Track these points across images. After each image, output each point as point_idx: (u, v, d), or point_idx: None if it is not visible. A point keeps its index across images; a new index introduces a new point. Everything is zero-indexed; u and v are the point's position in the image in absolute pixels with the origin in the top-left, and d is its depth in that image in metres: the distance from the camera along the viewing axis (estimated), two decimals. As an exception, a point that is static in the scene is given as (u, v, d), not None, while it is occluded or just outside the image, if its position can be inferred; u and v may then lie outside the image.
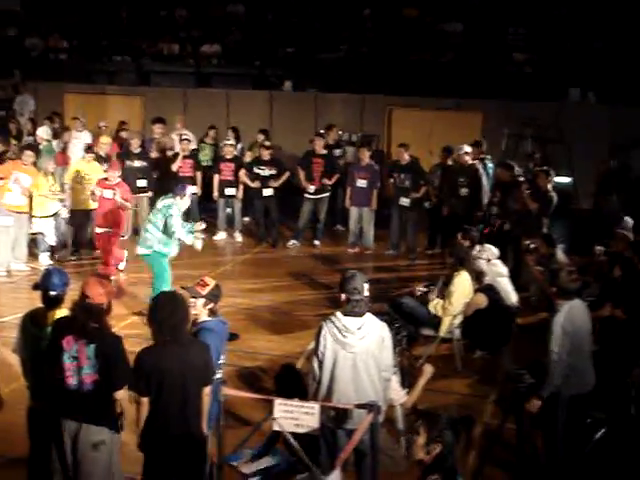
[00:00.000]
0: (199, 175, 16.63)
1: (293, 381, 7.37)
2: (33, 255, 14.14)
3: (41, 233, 14.05)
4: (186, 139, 16.68)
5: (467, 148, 15.12)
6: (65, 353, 6.08)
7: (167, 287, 10.63)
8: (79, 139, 17.64)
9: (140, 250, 11.44)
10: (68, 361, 6.09)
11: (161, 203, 11.39)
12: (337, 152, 17.11)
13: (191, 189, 12.03)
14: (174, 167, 16.20)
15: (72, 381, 6.10)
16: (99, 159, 15.15)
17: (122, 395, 6.10)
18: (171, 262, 11.52)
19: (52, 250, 14.27)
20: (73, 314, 6.19)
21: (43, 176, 13.86)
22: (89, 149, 15.08)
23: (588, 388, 7.49)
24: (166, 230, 11.12)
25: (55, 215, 14.24)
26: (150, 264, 11.41)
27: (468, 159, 15.06)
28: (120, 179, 13.83)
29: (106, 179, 13.69)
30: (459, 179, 15.09)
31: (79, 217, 14.64)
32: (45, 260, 13.93)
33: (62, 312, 6.53)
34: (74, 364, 6.08)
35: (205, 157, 17.98)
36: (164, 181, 16.90)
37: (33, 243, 14.23)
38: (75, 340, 6.07)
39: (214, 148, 18.10)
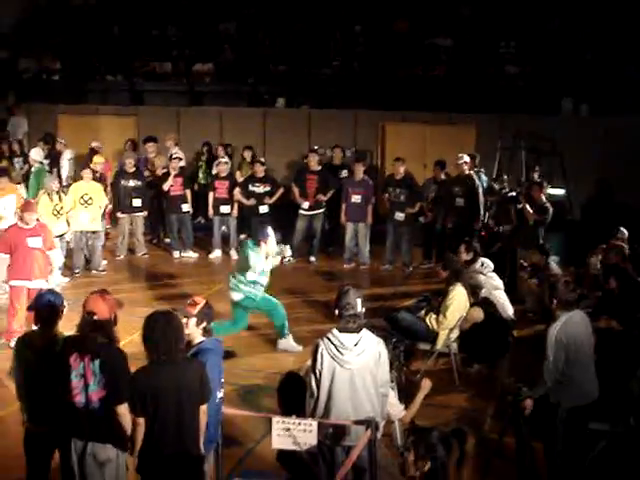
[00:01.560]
0: (189, 193, 16.62)
1: (298, 391, 7.27)
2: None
3: None
4: (176, 157, 16.67)
5: (466, 157, 15.17)
6: (73, 371, 6.11)
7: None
8: (63, 159, 17.74)
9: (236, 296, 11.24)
10: (75, 379, 6.11)
11: (248, 251, 11.12)
12: (344, 173, 16.80)
13: (271, 231, 11.41)
14: (165, 186, 16.19)
15: (80, 399, 6.12)
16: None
17: (124, 411, 6.08)
18: (167, 281, 11.50)
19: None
20: (82, 332, 6.19)
21: (47, 196, 13.83)
22: (86, 167, 15.05)
23: (589, 400, 7.46)
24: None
25: (62, 236, 14.16)
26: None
27: (466, 169, 15.10)
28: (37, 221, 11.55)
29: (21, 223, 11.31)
30: (454, 189, 15.13)
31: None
32: (51, 282, 13.80)
33: (60, 333, 6.53)
34: (81, 382, 6.10)
35: (203, 175, 18.01)
36: (157, 200, 16.98)
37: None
38: (81, 357, 6.09)
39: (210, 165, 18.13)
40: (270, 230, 11.35)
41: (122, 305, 6.65)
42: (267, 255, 11.06)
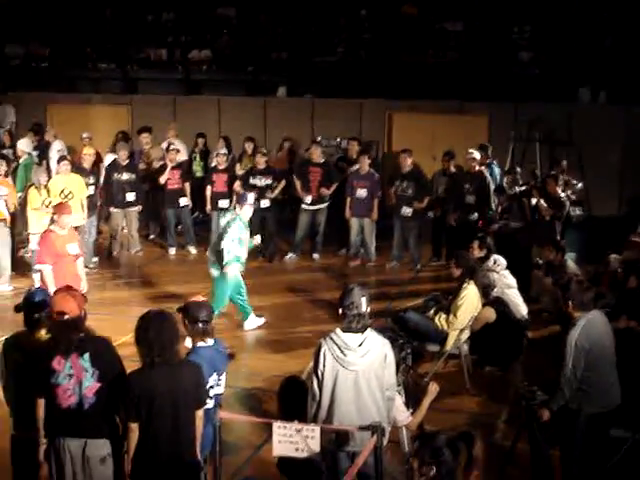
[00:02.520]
0: (188, 186, 16.63)
1: (299, 396, 7.28)
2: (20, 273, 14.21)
3: (35, 251, 13.95)
4: (174, 149, 16.68)
5: (476, 154, 15.13)
6: (59, 374, 6.11)
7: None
8: (52, 150, 17.75)
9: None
10: (65, 381, 6.12)
11: (224, 220, 11.57)
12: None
13: (251, 196, 12.22)
14: (162, 179, 16.22)
15: (74, 400, 6.14)
16: (82, 171, 15.15)
17: None
18: (162, 279, 11.56)
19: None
20: (55, 333, 6.21)
21: (35, 189, 13.83)
22: (62, 159, 14.99)
23: (611, 406, 7.44)
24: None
25: None
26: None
27: (475, 165, 15.08)
28: None
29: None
30: (464, 186, 15.11)
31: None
32: (37, 281, 13.82)
33: (46, 334, 6.54)
34: (72, 382, 6.12)
35: (198, 167, 18.04)
36: (153, 194, 16.99)
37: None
38: (65, 357, 6.10)
39: (204, 157, 18.14)
40: (251, 197, 11.90)
41: (87, 300, 6.69)
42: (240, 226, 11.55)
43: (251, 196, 12.05)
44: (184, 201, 16.50)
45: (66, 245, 10.74)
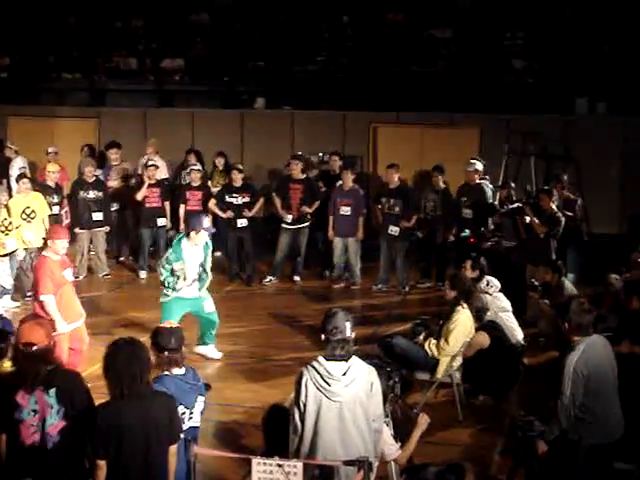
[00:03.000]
0: (168, 206, 16.59)
1: (285, 425, 7.26)
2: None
3: None
4: (152, 165, 16.62)
5: (478, 165, 15.19)
6: (23, 410, 6.04)
7: None
8: (13, 167, 17.69)
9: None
10: (28, 417, 6.06)
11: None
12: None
13: (207, 221, 12.11)
14: (139, 196, 16.16)
15: (36, 438, 6.07)
16: (46, 189, 15.12)
17: None
18: (132, 305, 11.53)
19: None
20: (21, 366, 6.14)
21: None
22: (21, 177, 14.93)
23: (614, 437, 7.43)
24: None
25: (11, 255, 14.12)
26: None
27: (476, 177, 15.14)
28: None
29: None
30: (462, 199, 15.15)
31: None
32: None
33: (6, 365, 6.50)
34: (36, 418, 6.05)
35: (217, 186, 17.86)
36: (128, 212, 16.95)
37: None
38: (30, 392, 6.03)
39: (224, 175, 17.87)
40: (207, 222, 11.93)
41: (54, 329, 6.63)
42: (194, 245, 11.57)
43: (207, 220, 12.03)
44: (162, 221, 16.46)
45: (62, 272, 10.56)
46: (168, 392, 6.43)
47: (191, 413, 6.71)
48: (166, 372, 6.64)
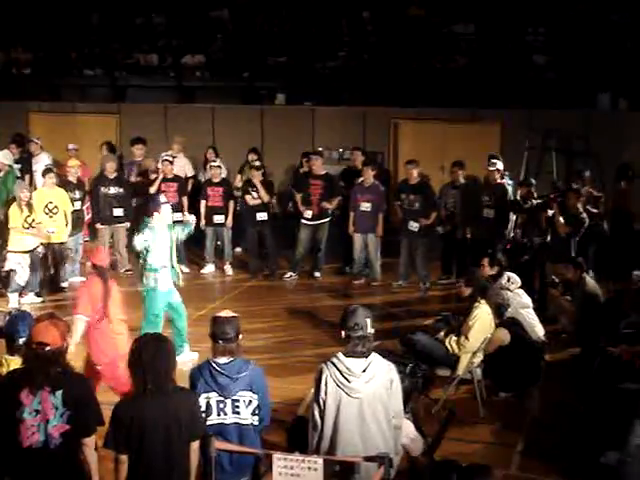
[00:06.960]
0: (185, 201, 16.60)
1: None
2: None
3: (14, 270, 13.97)
4: (166, 160, 16.60)
5: (499, 164, 15.09)
6: (25, 408, 5.94)
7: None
8: (38, 162, 17.75)
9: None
10: (30, 417, 5.93)
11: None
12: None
13: (162, 198, 11.90)
14: (152, 189, 16.12)
15: (38, 438, 5.97)
16: (68, 185, 15.18)
17: (91, 444, 6.06)
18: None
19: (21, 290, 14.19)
20: (31, 366, 6.08)
21: (16, 206, 13.86)
22: (47, 171, 15.00)
23: None
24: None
25: (33, 251, 14.18)
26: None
27: (498, 177, 15.05)
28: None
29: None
30: (483, 198, 15.07)
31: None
32: (13, 301, 13.84)
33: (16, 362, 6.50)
34: (37, 418, 5.94)
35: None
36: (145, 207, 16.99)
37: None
38: (34, 392, 5.94)
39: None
40: (163, 198, 11.79)
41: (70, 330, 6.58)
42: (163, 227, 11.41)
43: (162, 197, 11.86)
44: (178, 216, 16.44)
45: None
46: (202, 377, 6.51)
47: (236, 406, 6.65)
48: (210, 359, 6.65)
